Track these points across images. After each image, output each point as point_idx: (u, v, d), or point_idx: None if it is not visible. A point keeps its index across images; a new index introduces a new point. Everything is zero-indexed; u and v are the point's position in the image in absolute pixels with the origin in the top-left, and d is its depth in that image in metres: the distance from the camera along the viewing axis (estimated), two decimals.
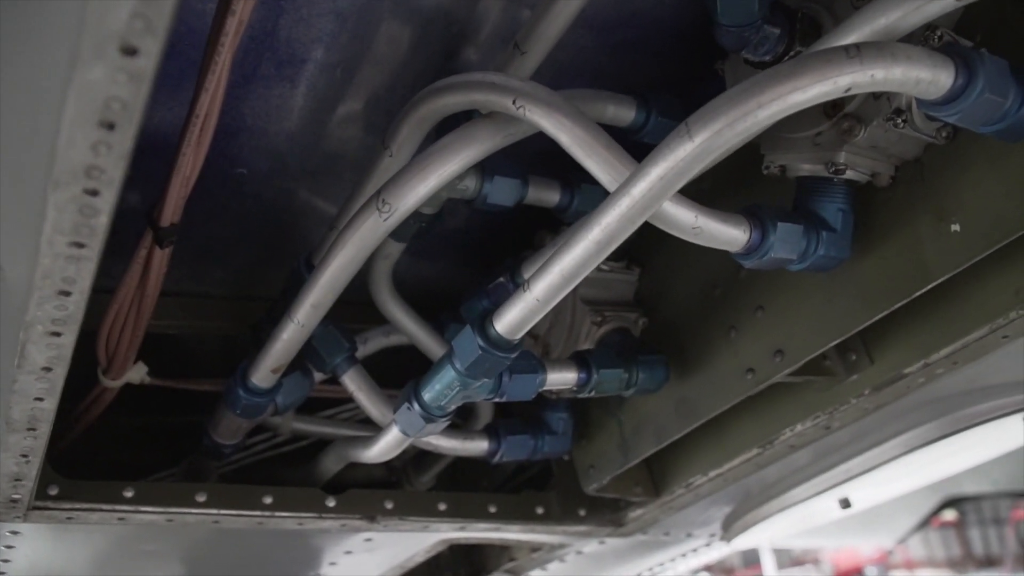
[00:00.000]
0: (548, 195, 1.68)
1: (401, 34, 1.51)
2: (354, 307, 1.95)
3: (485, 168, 1.58)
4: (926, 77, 1.02)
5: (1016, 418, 1.95)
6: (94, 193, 0.88)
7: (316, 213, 1.89)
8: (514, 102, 1.23)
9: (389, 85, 1.61)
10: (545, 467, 2.31)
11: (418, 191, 1.28)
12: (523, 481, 2.47)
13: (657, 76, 1.68)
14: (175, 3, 0.72)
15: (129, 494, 1.74)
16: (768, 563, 12.85)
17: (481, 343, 1.35)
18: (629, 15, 1.57)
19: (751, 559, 13.04)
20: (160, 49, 0.75)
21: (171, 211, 1.27)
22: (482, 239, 2.11)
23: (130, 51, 0.74)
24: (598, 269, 1.89)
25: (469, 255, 2.16)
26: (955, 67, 1.06)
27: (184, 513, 1.78)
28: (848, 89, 0.99)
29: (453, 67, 1.61)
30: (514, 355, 1.38)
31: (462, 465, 2.45)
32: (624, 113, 1.53)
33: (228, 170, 1.68)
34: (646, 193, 1.09)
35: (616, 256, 1.91)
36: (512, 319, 1.32)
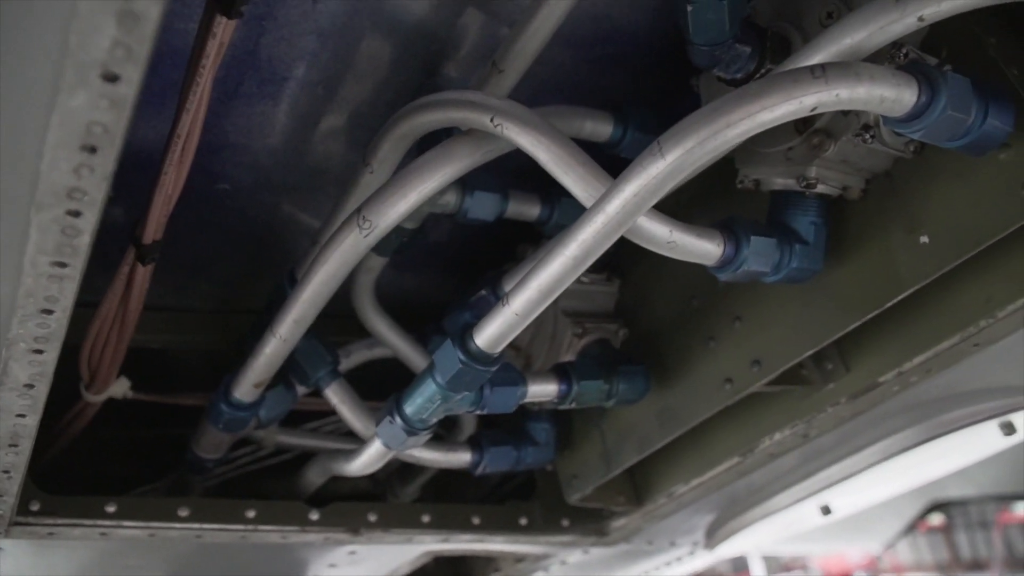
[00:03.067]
0: (528, 209, 1.71)
1: (382, 52, 1.53)
2: (338, 320, 1.97)
3: (466, 183, 1.60)
4: (890, 96, 1.05)
5: (992, 423, 1.98)
6: (76, 214, 0.89)
7: (300, 226, 1.91)
8: (492, 120, 1.25)
9: (371, 101, 1.63)
10: (531, 476, 2.32)
11: (398, 208, 1.30)
12: (509, 491, 2.48)
13: (634, 90, 1.71)
14: (155, 32, 0.74)
15: (111, 509, 1.74)
16: (757, 570, 12.86)
17: (461, 357, 1.37)
18: (607, 32, 1.60)
19: (740, 566, 13.05)
20: (141, 76, 0.76)
21: (153, 229, 1.28)
22: (465, 252, 2.13)
23: (112, 78, 0.75)
24: (579, 281, 1.90)
25: (452, 267, 2.18)
26: (918, 85, 1.09)
27: (167, 528, 1.78)
28: (814, 108, 1.02)
29: (434, 83, 1.64)
30: (494, 368, 1.40)
31: (447, 476, 2.46)
32: (602, 128, 1.56)
33: (211, 186, 1.69)
34: (620, 210, 1.12)
35: (596, 268, 1.93)
36: (492, 333, 1.34)
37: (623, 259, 1.94)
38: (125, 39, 0.73)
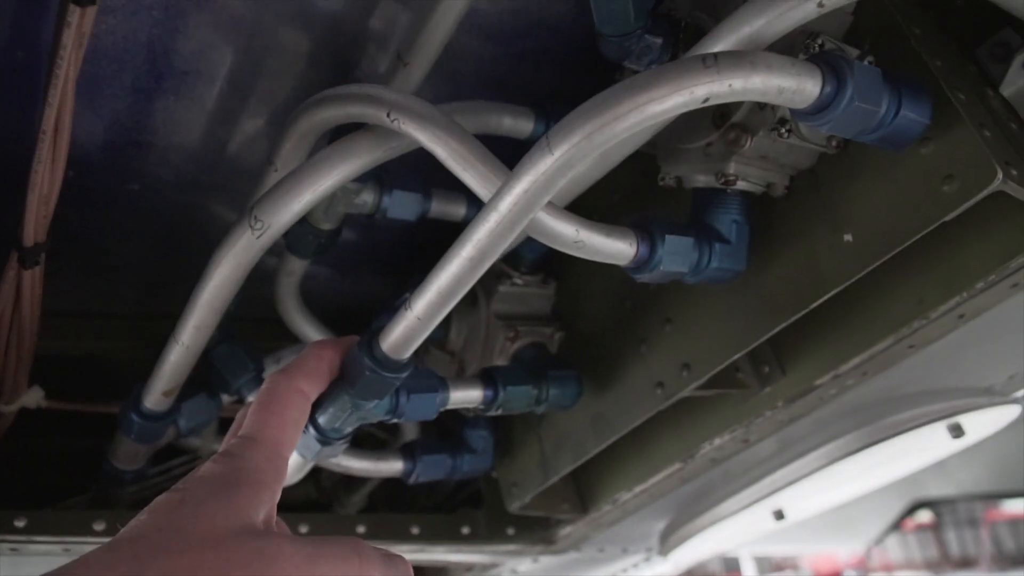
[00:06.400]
0: (454, 208, 1.65)
1: (291, 46, 1.47)
2: (271, 325, 1.91)
3: (384, 182, 1.54)
4: (789, 86, 0.99)
5: (939, 426, 1.93)
6: None
7: (221, 227, 1.84)
8: (388, 115, 1.19)
9: (287, 97, 1.57)
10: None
11: (291, 207, 1.24)
12: (463, 499, 2.42)
13: (560, 86, 1.65)
14: None
15: (21, 524, 1.67)
16: (748, 570, 12.86)
17: (368, 363, 1.30)
18: (531, 25, 1.54)
19: (732, 566, 13.05)
20: None
21: (33, 230, 1.21)
22: (406, 253, 2.06)
23: None
24: (512, 283, 1.86)
25: (391, 270, 2.12)
26: (822, 75, 1.03)
27: (82, 543, 1.71)
28: (706, 99, 0.96)
29: (353, 78, 1.57)
30: (403, 375, 1.33)
31: (398, 484, 2.40)
32: (522, 124, 1.50)
33: (119, 186, 1.62)
34: (512, 208, 1.06)
35: (532, 270, 1.88)
36: (396, 338, 1.27)
37: (561, 260, 1.88)
38: None
